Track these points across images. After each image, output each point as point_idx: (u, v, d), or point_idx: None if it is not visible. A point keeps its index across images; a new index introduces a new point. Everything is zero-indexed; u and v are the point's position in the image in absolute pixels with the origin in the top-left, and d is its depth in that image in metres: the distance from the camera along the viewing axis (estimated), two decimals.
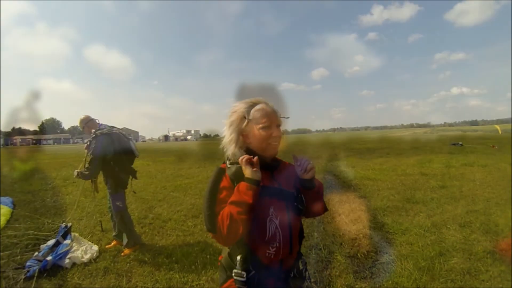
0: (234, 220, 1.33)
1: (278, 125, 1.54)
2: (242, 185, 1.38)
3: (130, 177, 4.51)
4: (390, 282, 3.40)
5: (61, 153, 25.75)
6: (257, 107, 1.52)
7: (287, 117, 1.60)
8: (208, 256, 4.06)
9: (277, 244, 1.44)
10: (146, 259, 4.08)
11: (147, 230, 5.22)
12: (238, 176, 1.44)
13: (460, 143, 24.32)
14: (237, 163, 1.45)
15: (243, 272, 1.42)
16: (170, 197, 7.71)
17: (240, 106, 1.54)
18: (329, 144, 29.71)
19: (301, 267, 1.59)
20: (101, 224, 5.18)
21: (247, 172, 1.39)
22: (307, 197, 1.57)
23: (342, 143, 32.57)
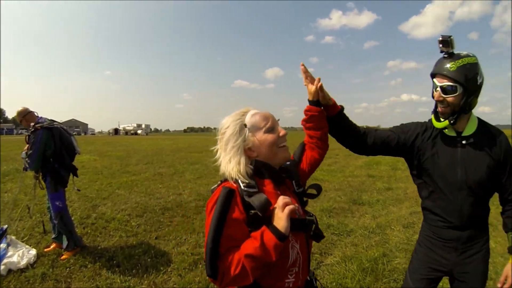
0: (245, 272, 1.14)
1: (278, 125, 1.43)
2: (270, 239, 1.14)
3: (71, 174, 4.44)
4: (335, 283, 3.62)
5: (3, 145, 23.53)
6: (251, 112, 1.40)
7: (278, 119, 1.46)
8: (149, 260, 4.13)
9: (296, 269, 1.31)
10: (87, 262, 4.05)
11: (89, 231, 5.19)
12: (265, 208, 1.20)
13: None
14: (254, 186, 1.27)
15: None
16: (115, 195, 7.75)
17: (231, 120, 1.38)
18: None
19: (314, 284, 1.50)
20: (43, 225, 4.96)
21: (284, 224, 1.14)
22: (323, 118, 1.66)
23: (292, 142, 33.66)
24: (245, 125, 1.34)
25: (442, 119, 1.76)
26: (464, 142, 1.77)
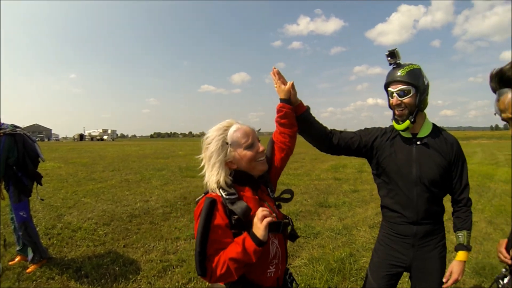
0: (230, 272, 1.35)
1: (259, 140, 1.60)
2: (250, 245, 1.34)
3: (35, 183, 4.23)
4: (303, 284, 3.65)
5: None
6: (233, 128, 1.55)
7: (259, 129, 1.67)
8: (118, 268, 4.05)
9: (276, 261, 1.54)
10: (54, 274, 3.91)
11: (55, 241, 5.00)
12: (246, 214, 1.41)
13: None
14: (234, 193, 1.46)
15: None
16: (81, 203, 7.51)
17: (215, 135, 1.54)
18: None
19: (288, 280, 1.72)
20: (4, 239, 4.66)
21: (262, 233, 1.35)
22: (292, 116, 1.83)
23: None
24: (227, 143, 1.51)
25: (401, 122, 1.94)
26: (418, 142, 1.97)
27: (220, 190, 1.47)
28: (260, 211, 1.38)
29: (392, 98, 1.93)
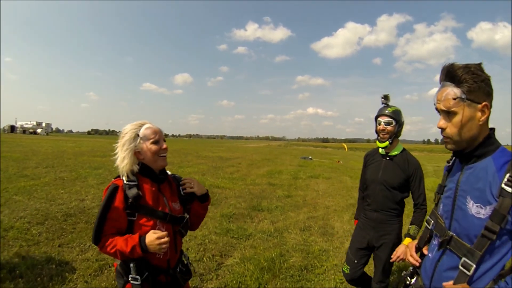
0: (115, 255, 1.76)
1: (164, 140, 1.98)
2: (137, 251, 1.73)
3: None
4: (235, 282, 3.86)
5: None
6: (146, 126, 1.92)
7: (168, 135, 1.92)
8: (54, 266, 4.02)
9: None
10: None
11: None
12: (137, 198, 1.79)
13: (310, 157, 28.47)
14: (134, 181, 1.84)
15: (138, 276, 1.79)
16: (12, 201, 7.06)
17: (130, 128, 1.90)
18: (182, 150, 30.24)
19: (185, 262, 2.10)
20: None
21: (150, 240, 1.72)
22: (192, 209, 2.11)
23: (196, 150, 33.74)
24: (138, 135, 1.88)
25: (383, 141, 2.90)
26: (387, 158, 2.98)
27: (123, 177, 1.85)
28: (157, 234, 1.74)
29: (379, 125, 2.88)
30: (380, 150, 3.00)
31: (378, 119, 2.91)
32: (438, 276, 1.51)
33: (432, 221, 1.66)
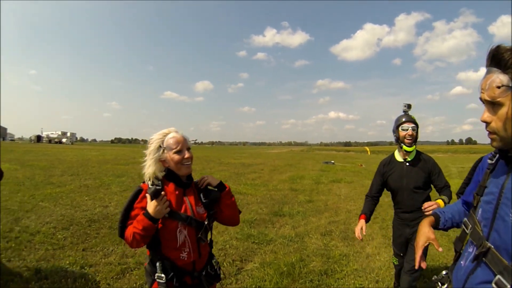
0: (136, 239, 1.86)
1: (189, 148, 2.06)
2: (143, 220, 1.84)
3: None
4: (254, 286, 3.95)
5: None
6: (169, 135, 2.02)
7: (195, 140, 2.05)
8: (77, 271, 4.18)
9: (188, 249, 1.97)
10: (13, 276, 3.95)
11: (13, 245, 5.00)
12: (156, 195, 1.88)
13: (332, 161, 28.32)
14: (158, 185, 1.95)
15: (163, 275, 1.89)
16: (39, 207, 7.43)
17: (156, 137, 2.03)
18: (204, 158, 30.59)
19: (215, 266, 2.17)
20: None
21: (150, 207, 1.85)
22: (221, 204, 2.16)
23: (218, 157, 34.06)
24: (161, 146, 2.00)
25: (409, 146, 3.16)
26: (407, 164, 3.27)
27: (148, 181, 1.99)
28: (149, 190, 1.89)
29: (407, 131, 3.14)
30: (397, 157, 3.36)
31: (404, 125, 3.17)
32: None
33: (470, 225, 1.42)
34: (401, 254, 3.46)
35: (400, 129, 3.19)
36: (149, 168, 1.99)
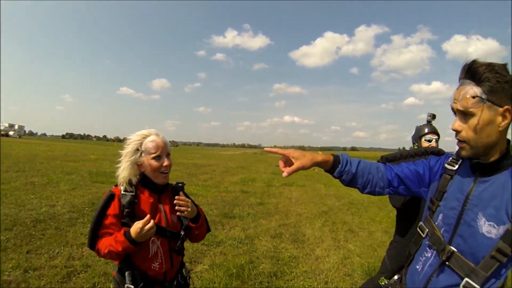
0: (110, 255, 1.75)
1: (168, 155, 1.93)
2: (122, 240, 1.71)
3: None
4: None
5: None
6: (149, 138, 1.89)
7: (176, 145, 1.90)
8: (20, 275, 3.92)
9: (160, 260, 1.88)
10: None
11: None
12: (131, 206, 1.80)
13: None
14: (131, 191, 1.83)
15: (132, 286, 1.78)
16: None
17: (134, 139, 1.89)
18: None
19: (185, 275, 2.09)
20: None
21: (135, 231, 1.69)
22: (192, 228, 2.02)
23: (171, 157, 33.65)
24: (138, 149, 1.86)
25: None
26: None
27: (121, 186, 1.85)
28: (146, 220, 1.71)
29: (430, 142, 3.03)
30: None
31: (428, 136, 3.08)
32: None
33: (427, 230, 1.47)
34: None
35: (423, 139, 3.09)
36: (124, 171, 1.86)
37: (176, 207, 1.93)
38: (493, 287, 1.26)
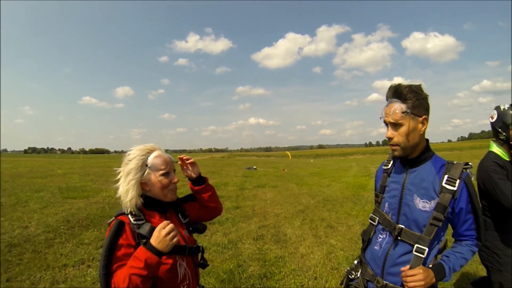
0: (133, 283, 1.42)
1: (174, 170, 1.81)
2: (148, 255, 1.46)
3: None
4: None
5: None
6: (155, 153, 1.74)
7: (178, 162, 1.91)
8: None
9: (188, 281, 1.73)
10: None
11: None
12: (150, 233, 1.54)
13: (254, 167, 28.90)
14: (141, 218, 1.63)
15: None
16: None
17: (137, 154, 1.71)
18: None
19: None
20: None
21: (156, 238, 1.49)
22: (203, 194, 1.98)
23: None
24: (147, 165, 1.70)
25: None
26: None
27: (129, 216, 1.62)
28: (163, 224, 1.53)
29: None
30: (504, 156, 2.69)
31: None
32: (391, 263, 1.78)
33: (377, 218, 1.93)
34: None
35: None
36: (128, 193, 1.65)
37: (180, 162, 1.93)
38: (437, 247, 1.74)
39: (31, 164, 30.70)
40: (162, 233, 1.50)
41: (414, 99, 1.68)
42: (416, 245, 1.70)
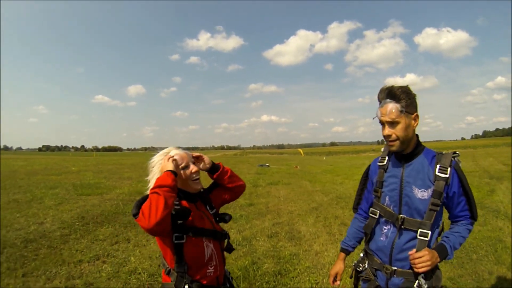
0: (157, 200, 1.58)
1: (194, 162, 2.03)
2: (164, 174, 1.74)
3: None
4: None
5: None
6: (172, 153, 1.96)
7: (197, 155, 2.11)
8: None
9: (215, 262, 1.95)
10: None
11: None
12: (186, 214, 1.79)
13: (267, 164, 28.86)
14: (177, 203, 1.81)
15: None
16: None
17: (158, 159, 1.98)
18: (139, 164, 29.58)
19: (228, 276, 2.19)
20: None
21: (170, 166, 1.79)
22: (222, 179, 2.16)
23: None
24: None
25: None
26: None
27: None
28: (169, 155, 1.90)
29: None
30: None
31: None
32: (398, 250, 1.94)
33: (378, 211, 2.07)
34: None
35: None
36: None
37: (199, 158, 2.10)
38: (437, 230, 1.93)
39: (46, 161, 31.17)
40: (164, 159, 1.86)
41: (406, 99, 1.86)
42: (419, 230, 1.87)
